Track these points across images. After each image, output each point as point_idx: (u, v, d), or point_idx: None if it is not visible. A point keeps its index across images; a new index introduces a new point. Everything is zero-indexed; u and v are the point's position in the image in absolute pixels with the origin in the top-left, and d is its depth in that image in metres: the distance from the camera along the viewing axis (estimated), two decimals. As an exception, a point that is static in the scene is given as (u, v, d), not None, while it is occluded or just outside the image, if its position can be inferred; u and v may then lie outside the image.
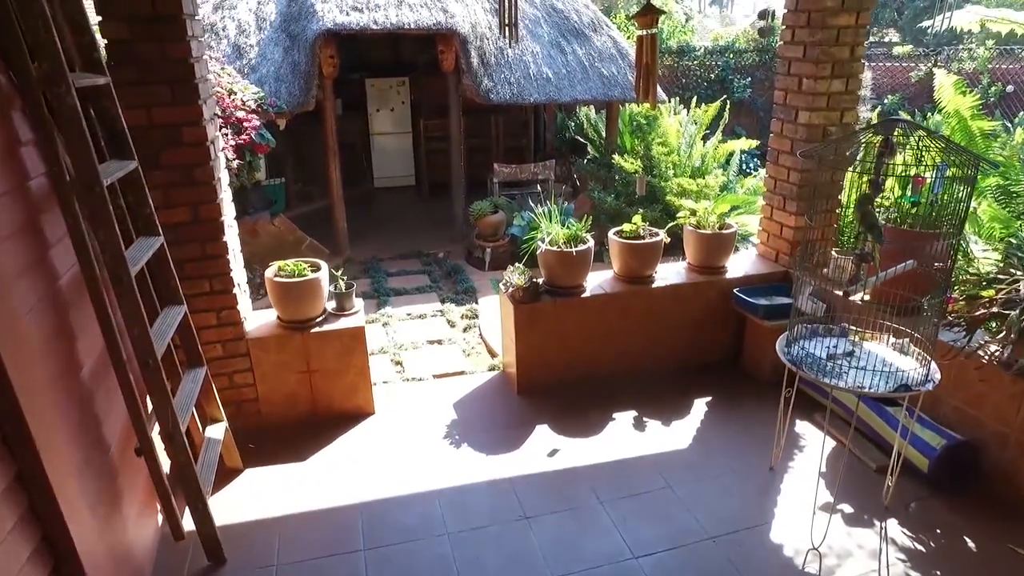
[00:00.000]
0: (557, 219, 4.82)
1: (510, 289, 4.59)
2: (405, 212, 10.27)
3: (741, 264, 4.92)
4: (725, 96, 9.92)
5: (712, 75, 13.67)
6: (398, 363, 5.43)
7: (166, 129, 3.38)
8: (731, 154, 9.33)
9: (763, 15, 13.39)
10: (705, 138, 8.95)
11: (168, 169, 3.43)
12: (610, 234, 4.81)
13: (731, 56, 13.57)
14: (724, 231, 4.72)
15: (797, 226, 4.62)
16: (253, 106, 6.38)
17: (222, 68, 6.59)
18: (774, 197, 4.79)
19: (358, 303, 4.47)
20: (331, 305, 4.41)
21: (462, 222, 8.52)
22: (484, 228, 7.74)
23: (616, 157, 7.73)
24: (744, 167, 11.00)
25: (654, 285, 4.62)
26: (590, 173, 8.65)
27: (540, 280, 4.69)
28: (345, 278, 4.47)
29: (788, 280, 4.67)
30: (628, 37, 9.62)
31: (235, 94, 6.15)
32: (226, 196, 3.87)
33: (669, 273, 4.77)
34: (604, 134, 10.27)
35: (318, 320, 4.19)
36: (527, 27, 8.10)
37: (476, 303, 6.69)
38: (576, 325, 4.50)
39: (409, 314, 6.41)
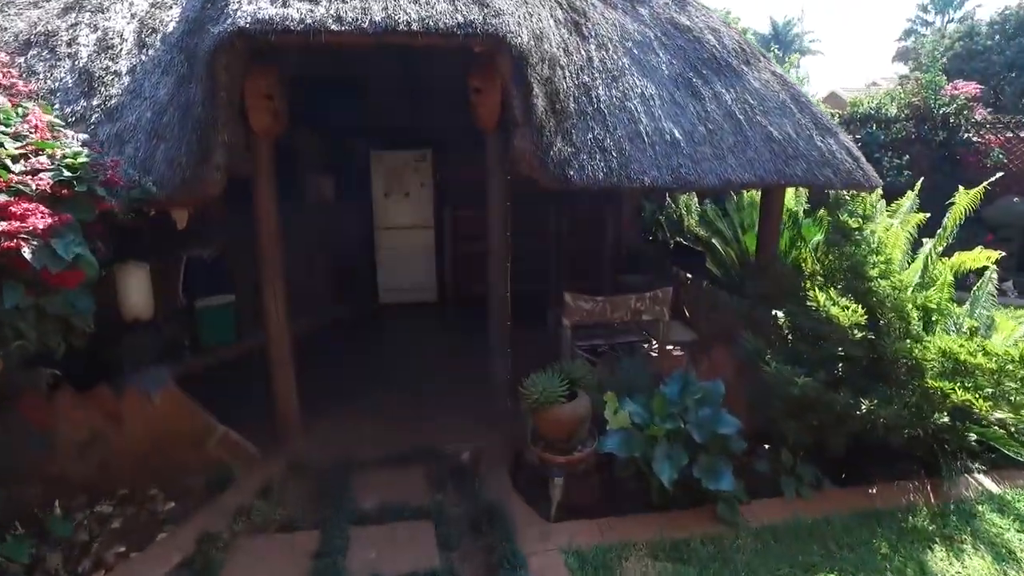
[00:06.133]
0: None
1: None
2: (416, 352, 6.56)
3: None
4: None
5: (849, 152, 10.01)
6: None
7: None
8: (975, 275, 5.49)
9: None
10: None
11: None
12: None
13: (876, 127, 9.91)
14: None
15: None
16: (47, 184, 2.82)
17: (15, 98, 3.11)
18: None
19: None
20: None
21: (505, 388, 4.75)
22: (550, 428, 3.92)
23: (819, 296, 3.91)
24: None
25: None
26: (737, 313, 4.84)
27: None
28: None
29: None
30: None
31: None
32: None
33: None
34: (739, 237, 6.55)
35: None
36: (629, 52, 4.55)
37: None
38: None
39: None
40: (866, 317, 3.74)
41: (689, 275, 6.90)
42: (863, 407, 3.71)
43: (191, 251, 6.07)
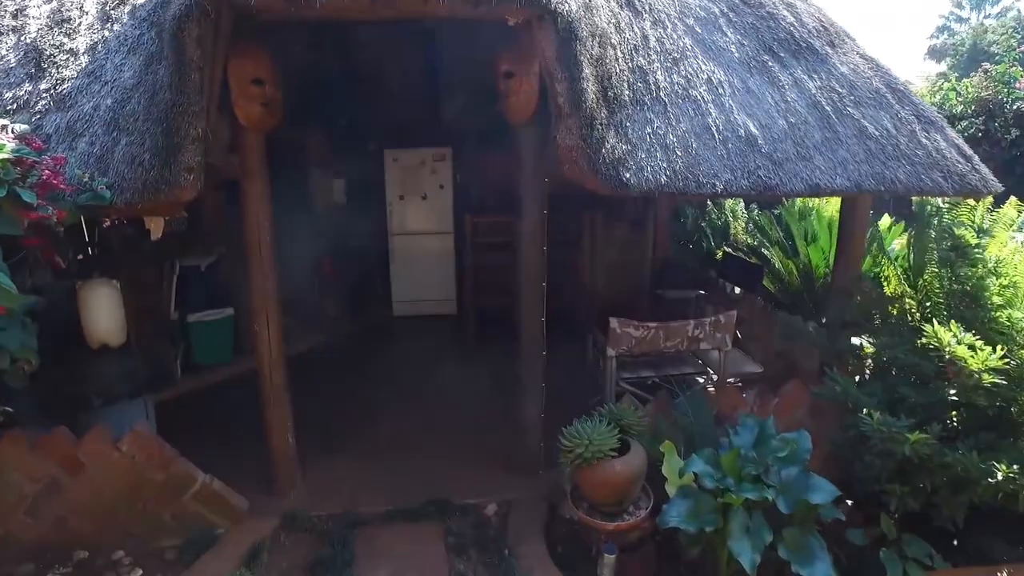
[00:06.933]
0: None
1: None
2: (431, 374, 5.83)
3: None
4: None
5: (907, 153, 9.12)
6: None
7: None
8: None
9: None
10: None
11: None
12: None
13: (939, 125, 9.02)
14: None
15: None
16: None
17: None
18: None
19: None
20: None
21: (537, 427, 4.02)
22: (597, 491, 3.19)
23: (940, 333, 3.12)
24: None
25: None
26: (808, 341, 4.06)
27: None
28: None
29: None
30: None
31: None
32: None
33: None
34: (799, 249, 5.79)
35: None
36: (691, 30, 3.80)
37: None
38: None
39: None
40: (1006, 360, 2.96)
41: (737, 288, 6.13)
42: (999, 473, 2.93)
43: (184, 260, 5.43)
